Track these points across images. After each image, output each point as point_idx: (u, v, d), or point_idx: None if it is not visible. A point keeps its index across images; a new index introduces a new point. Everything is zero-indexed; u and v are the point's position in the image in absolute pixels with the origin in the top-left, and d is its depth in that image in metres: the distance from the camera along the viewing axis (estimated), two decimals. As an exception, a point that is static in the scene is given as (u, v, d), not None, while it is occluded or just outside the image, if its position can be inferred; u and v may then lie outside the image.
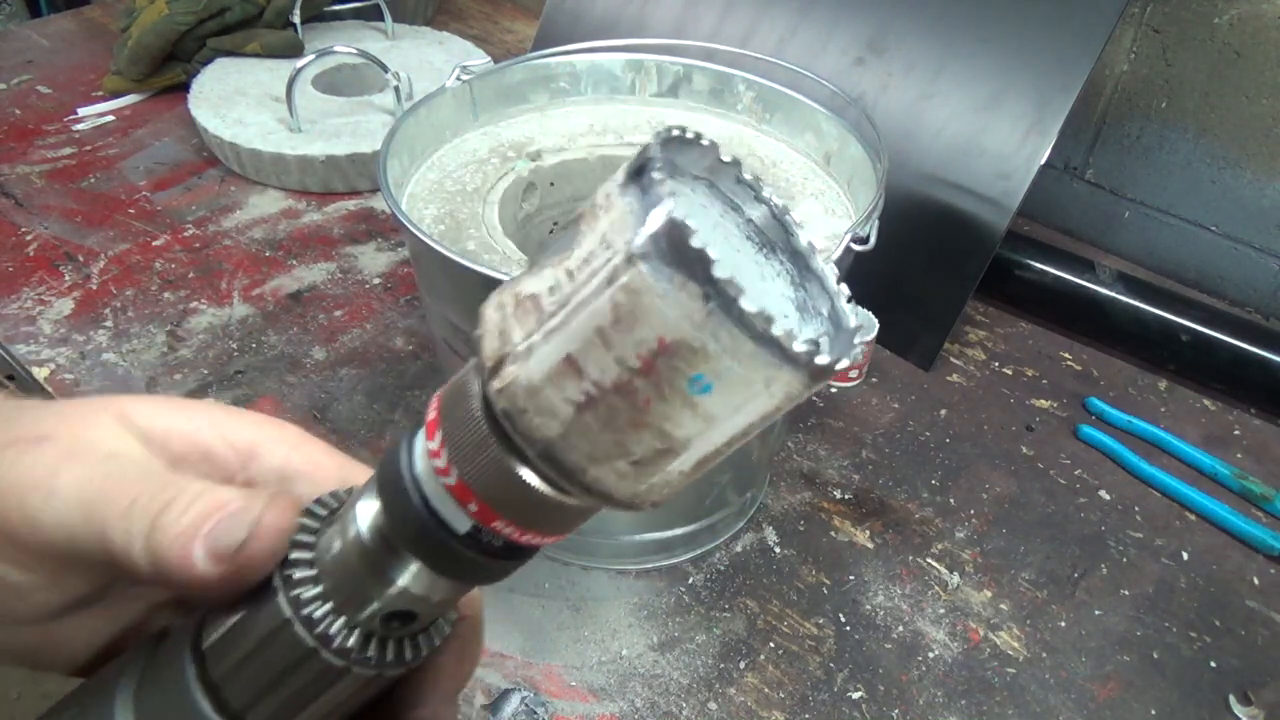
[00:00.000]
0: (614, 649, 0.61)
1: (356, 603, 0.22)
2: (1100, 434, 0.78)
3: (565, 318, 0.18)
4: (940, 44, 0.83)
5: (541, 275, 0.18)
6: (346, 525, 0.22)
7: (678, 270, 0.16)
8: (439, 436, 0.20)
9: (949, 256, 0.82)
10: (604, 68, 0.70)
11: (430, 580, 0.22)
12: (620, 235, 0.17)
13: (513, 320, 0.18)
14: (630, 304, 0.17)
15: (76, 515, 0.21)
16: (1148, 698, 0.61)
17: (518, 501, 0.20)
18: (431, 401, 0.21)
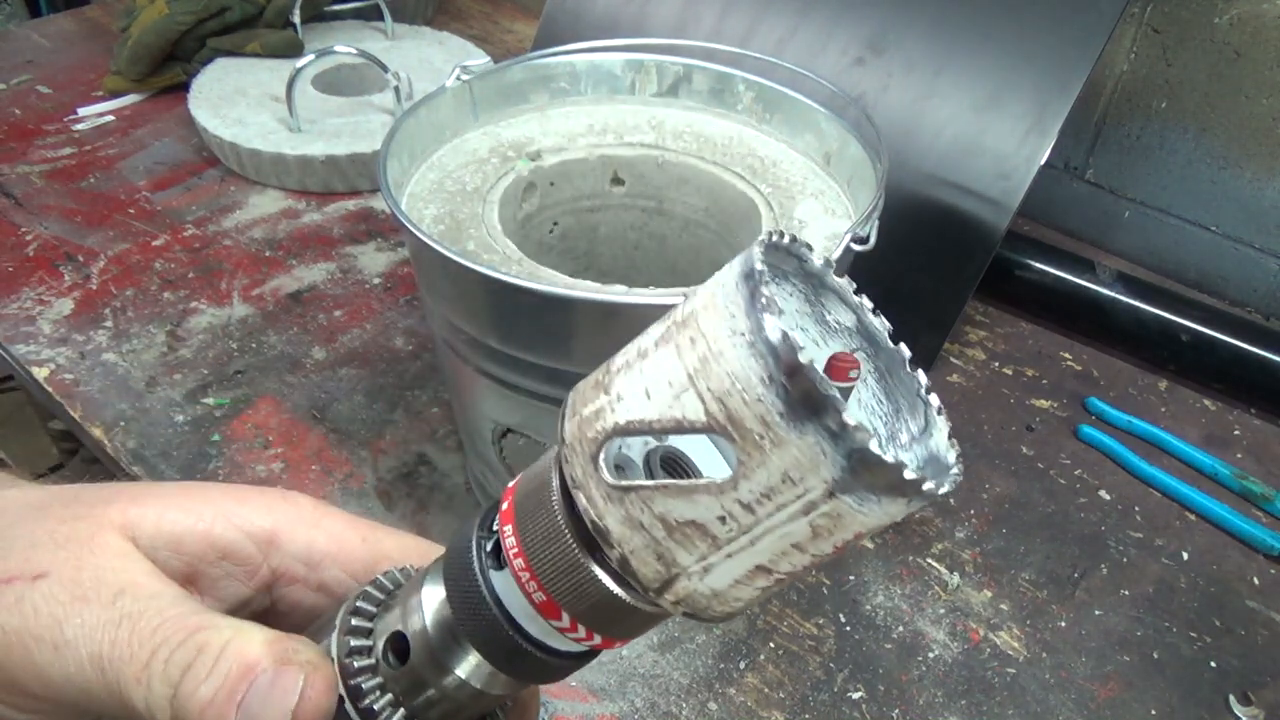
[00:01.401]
0: (614, 649, 0.61)
1: (414, 692, 0.22)
2: (1100, 434, 0.78)
3: (751, 541, 0.18)
4: (940, 44, 0.83)
5: (697, 502, 0.18)
6: (409, 618, 0.22)
7: (883, 494, 0.17)
8: (567, 618, 0.20)
9: (949, 256, 0.82)
10: (604, 68, 0.69)
11: (491, 675, 0.22)
12: (817, 476, 0.17)
13: (674, 546, 0.19)
14: (831, 524, 0.18)
15: (89, 671, 0.19)
16: (1148, 698, 0.61)
17: (627, 626, 0.21)
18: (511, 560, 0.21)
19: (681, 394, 0.17)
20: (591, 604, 0.21)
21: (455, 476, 0.72)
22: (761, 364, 0.16)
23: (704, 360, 0.17)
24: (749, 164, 0.65)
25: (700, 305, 0.18)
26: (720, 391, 0.17)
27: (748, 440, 0.17)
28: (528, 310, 0.49)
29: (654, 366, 0.18)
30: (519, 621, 0.21)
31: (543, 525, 0.20)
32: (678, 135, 0.68)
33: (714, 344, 0.17)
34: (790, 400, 0.16)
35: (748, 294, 0.17)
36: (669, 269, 0.73)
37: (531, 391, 0.54)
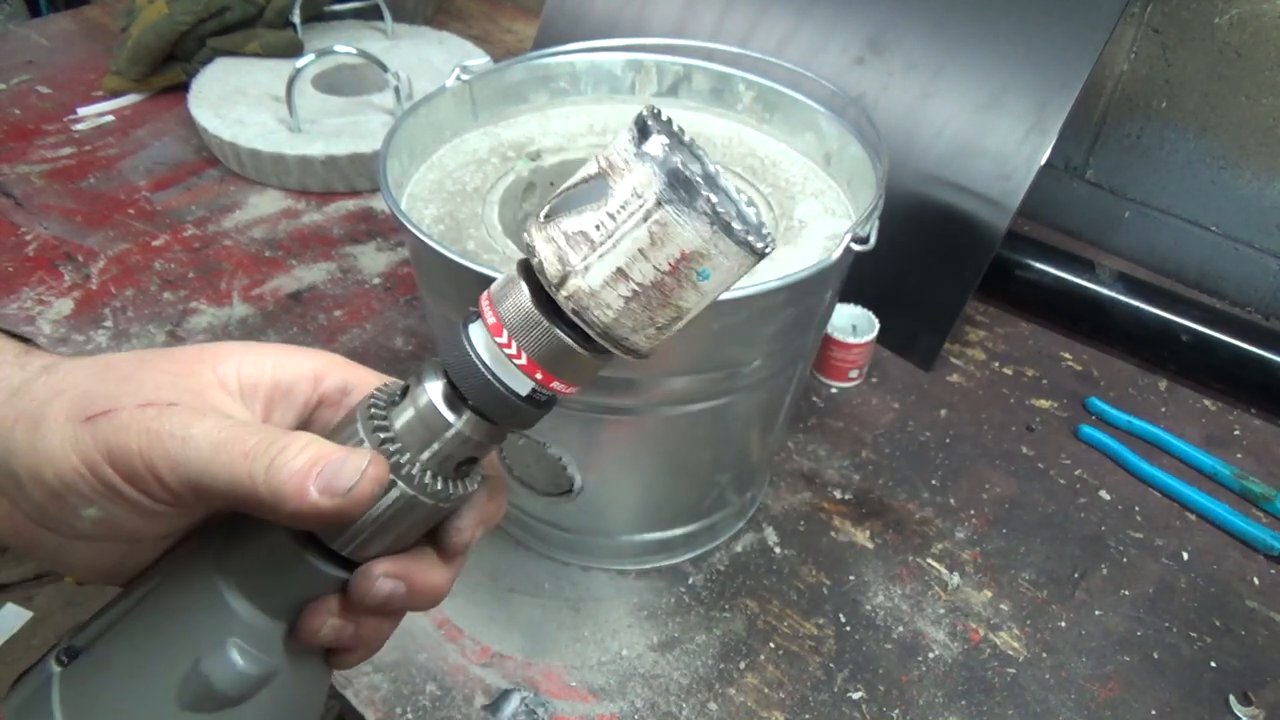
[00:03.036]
0: (614, 649, 0.61)
1: (425, 449, 0.30)
2: (1100, 434, 0.78)
3: (614, 244, 0.26)
4: (940, 44, 0.83)
5: (583, 217, 0.27)
6: (418, 400, 0.30)
7: (691, 208, 0.26)
8: (507, 334, 0.28)
9: (949, 256, 0.82)
10: (604, 68, 0.69)
11: (489, 430, 0.30)
12: (649, 189, 0.26)
13: (568, 248, 0.27)
14: (662, 232, 0.26)
15: (208, 456, 0.27)
16: (1148, 698, 0.61)
17: (570, 366, 0.29)
18: (483, 307, 0.29)
19: (591, 168, 0.27)
20: (521, 320, 0.28)
21: (455, 476, 0.72)
22: (628, 136, 0.26)
23: (606, 147, 0.27)
24: (749, 164, 0.65)
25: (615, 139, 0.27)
26: (609, 153, 0.27)
27: (615, 171, 0.26)
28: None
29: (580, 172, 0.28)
30: (510, 385, 0.29)
31: (522, 315, 0.28)
32: (678, 135, 0.68)
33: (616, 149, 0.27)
34: (638, 143, 0.26)
35: (637, 124, 0.26)
36: (669, 269, 0.73)
37: (531, 391, 0.54)
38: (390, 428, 0.30)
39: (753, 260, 0.27)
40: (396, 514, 0.30)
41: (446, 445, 0.30)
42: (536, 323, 0.28)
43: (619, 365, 0.31)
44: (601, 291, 0.27)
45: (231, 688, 0.29)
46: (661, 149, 0.26)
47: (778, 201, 0.62)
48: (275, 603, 0.30)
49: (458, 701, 0.57)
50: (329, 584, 0.31)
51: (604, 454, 0.58)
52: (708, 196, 0.26)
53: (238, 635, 0.30)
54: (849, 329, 0.80)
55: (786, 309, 0.51)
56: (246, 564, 0.30)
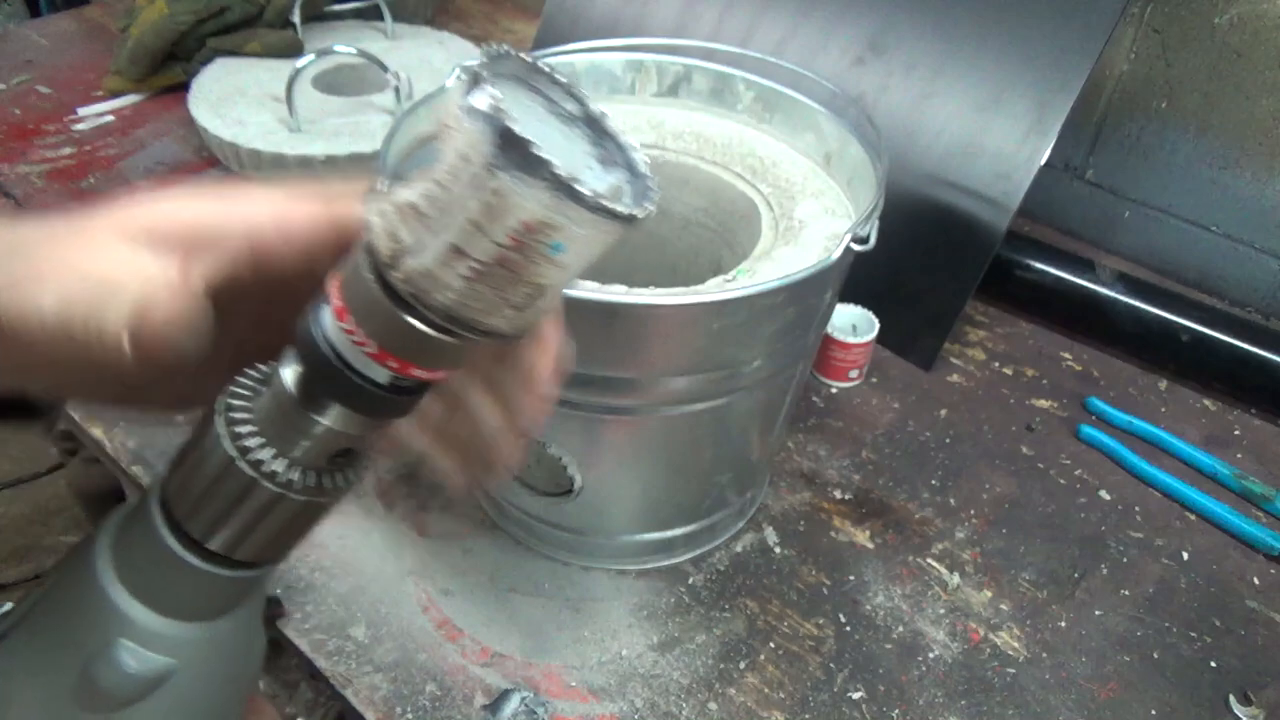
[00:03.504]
0: (614, 649, 0.61)
1: (291, 443, 0.28)
2: (1100, 434, 0.78)
3: (444, 218, 0.23)
4: (940, 44, 0.83)
5: (413, 186, 0.23)
6: (278, 390, 0.27)
7: (527, 173, 0.22)
8: (351, 320, 0.26)
9: (949, 256, 0.82)
10: (604, 68, 0.69)
11: (359, 421, 0.28)
12: (477, 151, 0.22)
13: (399, 224, 0.24)
14: (496, 202, 0.22)
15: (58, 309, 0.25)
16: (1148, 698, 0.61)
17: (428, 352, 0.26)
18: (332, 293, 0.26)
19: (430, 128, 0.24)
20: (364, 305, 0.25)
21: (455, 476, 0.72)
22: (460, 87, 0.23)
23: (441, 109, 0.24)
24: (749, 164, 0.65)
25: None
26: (440, 113, 0.23)
27: (444, 133, 0.23)
28: (528, 310, 0.49)
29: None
30: (367, 375, 0.26)
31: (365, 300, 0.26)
32: (678, 135, 0.68)
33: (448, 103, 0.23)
34: (466, 103, 0.22)
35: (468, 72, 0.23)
36: (669, 269, 0.73)
37: (531, 391, 0.54)
38: (252, 422, 0.27)
39: (619, 226, 0.23)
40: (268, 511, 0.28)
41: (314, 441, 0.28)
42: (379, 306, 0.25)
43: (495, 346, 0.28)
44: (439, 271, 0.24)
45: (119, 690, 0.28)
46: (488, 103, 0.22)
47: (778, 201, 0.62)
48: (166, 603, 0.29)
49: (458, 701, 0.57)
50: (218, 584, 0.30)
51: (604, 454, 0.58)
52: (545, 159, 0.22)
53: (127, 635, 0.29)
54: (849, 329, 0.80)
55: (786, 309, 0.51)
56: (133, 564, 0.29)
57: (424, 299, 0.24)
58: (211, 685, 0.31)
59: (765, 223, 0.60)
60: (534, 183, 0.22)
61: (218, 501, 0.28)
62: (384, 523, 0.68)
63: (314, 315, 0.27)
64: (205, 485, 0.28)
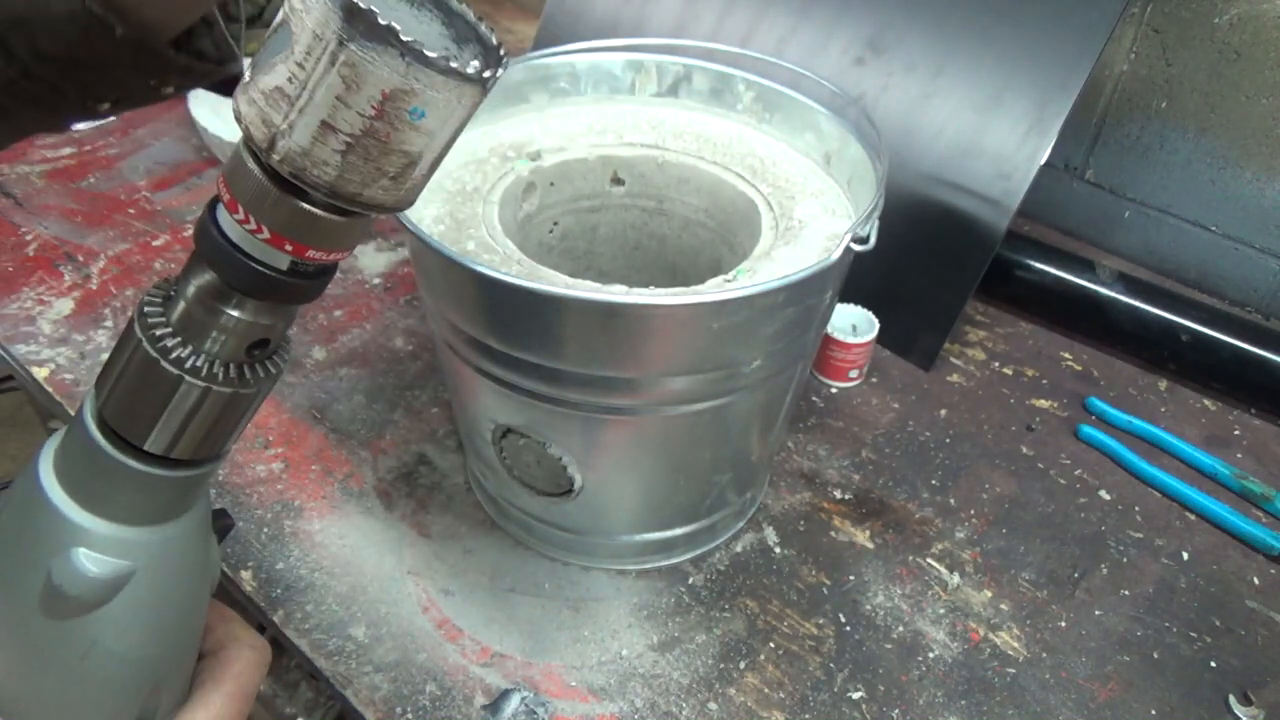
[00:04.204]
0: (614, 649, 0.61)
1: (208, 339, 0.29)
2: (1100, 434, 0.78)
3: (309, 96, 0.24)
4: (940, 44, 0.83)
5: (275, 71, 0.25)
6: (187, 291, 0.29)
7: (377, 42, 0.23)
8: (242, 209, 0.27)
9: (949, 256, 0.82)
10: (604, 68, 0.69)
11: (268, 309, 0.29)
12: (328, 28, 0.23)
13: (269, 109, 0.25)
14: (353, 74, 0.24)
15: None
16: (1148, 698, 0.61)
17: (319, 232, 0.27)
18: (220, 187, 0.28)
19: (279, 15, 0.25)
20: (251, 193, 0.27)
21: (455, 476, 0.72)
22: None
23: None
24: (749, 164, 0.65)
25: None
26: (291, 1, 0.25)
27: (295, 16, 0.24)
28: (528, 310, 0.49)
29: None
30: (267, 262, 0.28)
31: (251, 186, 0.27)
32: (678, 135, 0.68)
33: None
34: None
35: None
36: (669, 269, 0.73)
37: (531, 391, 0.54)
38: (168, 324, 0.29)
39: (474, 89, 0.25)
40: (197, 408, 0.30)
41: (229, 335, 0.29)
42: (266, 193, 0.26)
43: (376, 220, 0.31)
44: (313, 149, 0.25)
45: (85, 591, 0.30)
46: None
47: (778, 201, 0.62)
48: (115, 510, 0.31)
49: (458, 701, 0.57)
50: (160, 484, 0.31)
51: (604, 454, 0.58)
52: (390, 25, 0.23)
53: (82, 544, 0.30)
54: (849, 329, 0.80)
55: (786, 309, 0.51)
56: (78, 477, 0.31)
57: (304, 178, 0.26)
58: (170, 586, 0.32)
59: (765, 223, 0.60)
60: (384, 50, 0.23)
61: (148, 405, 0.30)
62: (384, 523, 0.68)
63: (210, 214, 0.29)
64: (134, 390, 0.30)
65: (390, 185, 0.27)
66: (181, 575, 0.33)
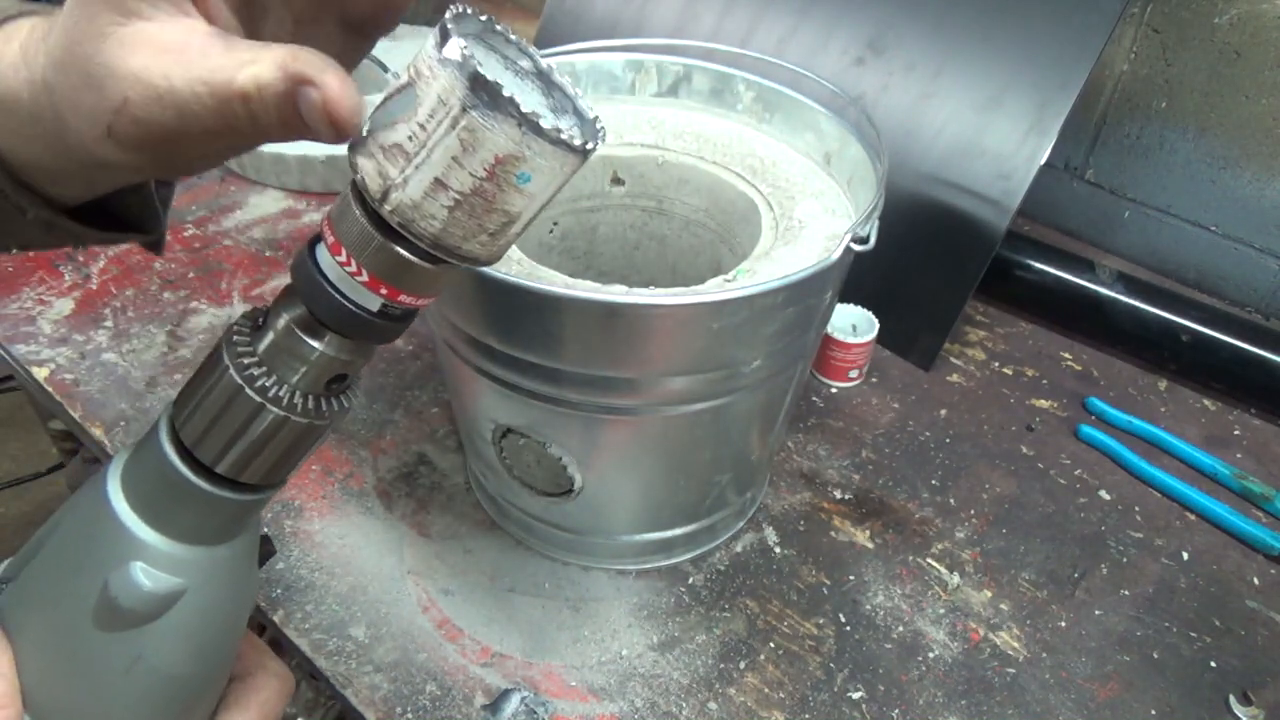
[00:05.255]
0: (614, 649, 0.61)
1: (292, 371, 0.31)
2: (1100, 434, 0.78)
3: (427, 154, 0.27)
4: (940, 44, 0.83)
5: (396, 129, 0.27)
6: (277, 325, 0.31)
7: (497, 112, 0.26)
8: (345, 252, 0.29)
9: (949, 256, 0.82)
10: (604, 68, 0.69)
11: (351, 347, 0.31)
12: (453, 95, 0.26)
13: (386, 163, 0.27)
14: (471, 138, 0.26)
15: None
16: (1148, 698, 0.61)
17: (414, 279, 0.30)
18: (325, 231, 0.30)
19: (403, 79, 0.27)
20: (356, 238, 0.29)
21: (455, 476, 0.72)
22: (433, 41, 0.27)
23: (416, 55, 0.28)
24: (749, 164, 0.65)
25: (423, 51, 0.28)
26: (416, 61, 0.27)
27: (421, 80, 0.26)
28: (528, 310, 0.49)
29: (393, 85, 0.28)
30: (359, 303, 0.30)
31: (356, 233, 0.29)
32: (678, 135, 0.68)
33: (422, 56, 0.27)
34: (440, 54, 0.26)
35: (439, 29, 0.27)
36: (669, 269, 0.73)
37: (531, 391, 0.54)
38: (255, 354, 0.31)
39: (576, 159, 0.28)
40: (272, 435, 0.31)
41: (312, 367, 0.31)
42: (370, 239, 0.29)
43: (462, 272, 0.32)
44: (424, 203, 0.27)
45: (140, 605, 0.31)
46: (460, 53, 0.26)
47: (778, 201, 0.62)
48: (176, 528, 0.32)
49: (458, 701, 0.57)
50: (232, 506, 0.32)
51: (604, 454, 0.58)
52: (511, 98, 0.26)
53: (141, 558, 0.31)
54: (849, 329, 0.80)
55: (786, 309, 0.51)
56: (146, 492, 0.32)
57: (411, 229, 0.28)
58: (216, 607, 0.33)
59: (765, 223, 0.60)
60: (504, 119, 0.26)
61: (226, 428, 0.31)
62: (384, 522, 0.68)
63: (308, 252, 0.30)
64: (214, 413, 0.31)
65: (487, 240, 0.29)
66: (227, 597, 0.34)
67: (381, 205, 0.28)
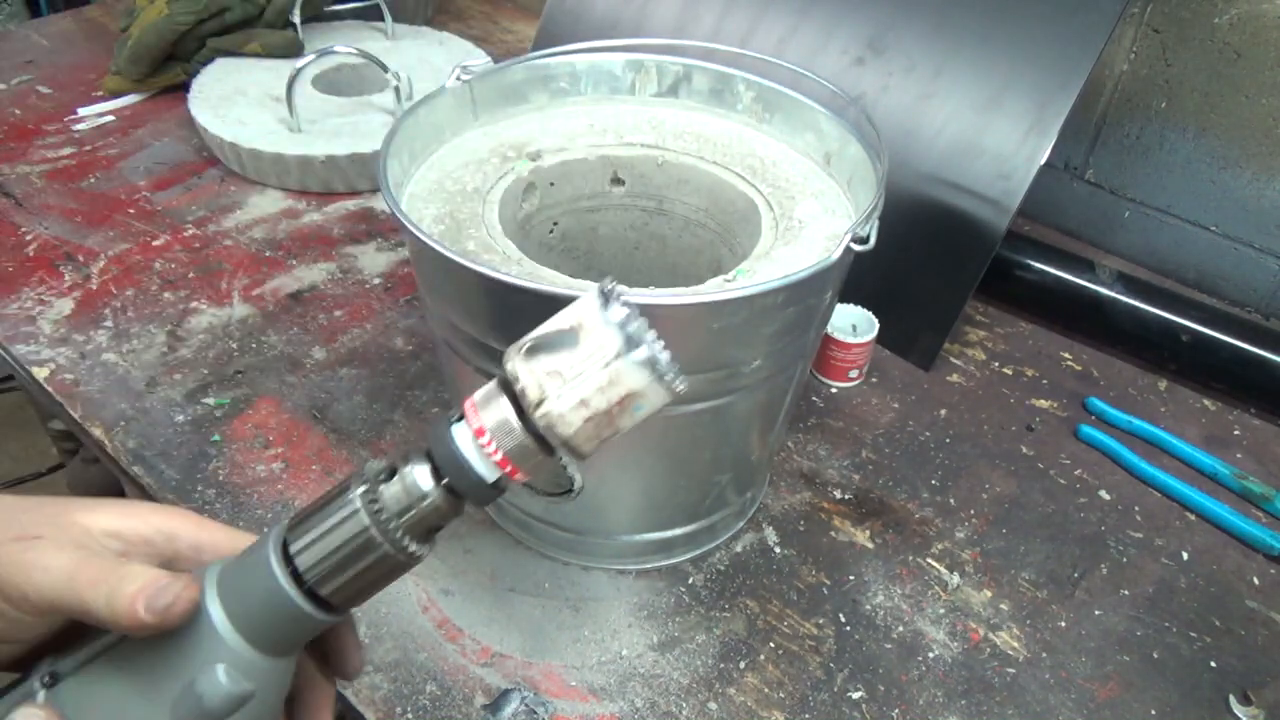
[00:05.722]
0: (614, 649, 0.61)
1: (410, 520, 0.37)
2: (1100, 434, 0.78)
3: (579, 382, 0.35)
4: (940, 44, 0.83)
5: (558, 357, 0.35)
6: (405, 478, 0.37)
7: (640, 362, 0.34)
8: (488, 435, 0.36)
9: (949, 256, 0.82)
10: (604, 68, 0.69)
11: (458, 505, 0.37)
12: (609, 348, 0.34)
13: (546, 380, 0.35)
14: (615, 377, 0.34)
15: (64, 584, 0.34)
16: (1148, 698, 0.61)
17: (532, 464, 0.36)
18: (469, 413, 0.36)
19: (565, 324, 0.36)
20: (500, 427, 0.36)
21: (455, 476, 0.72)
22: (597, 300, 0.35)
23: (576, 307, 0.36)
24: (749, 164, 0.65)
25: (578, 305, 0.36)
26: (579, 313, 0.35)
27: (584, 330, 0.35)
28: (528, 310, 0.49)
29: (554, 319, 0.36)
30: (481, 474, 0.36)
31: (504, 426, 0.36)
32: (678, 135, 0.68)
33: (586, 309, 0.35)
34: (604, 309, 0.35)
35: (602, 293, 0.35)
36: (669, 269, 0.73)
37: (531, 391, 0.54)
38: (379, 498, 0.37)
39: (672, 399, 0.36)
40: (372, 567, 0.37)
41: (425, 516, 0.37)
42: (514, 431, 0.36)
43: None
44: (568, 414, 0.35)
45: (219, 705, 0.35)
46: (622, 316, 0.35)
47: (778, 201, 0.62)
48: (262, 638, 0.36)
49: (458, 701, 0.57)
50: (311, 626, 0.37)
51: (604, 454, 0.58)
52: (652, 355, 0.34)
53: (226, 660, 0.35)
54: (849, 329, 0.80)
55: (786, 309, 0.51)
56: (243, 601, 0.36)
57: (553, 430, 0.35)
58: (271, 713, 0.37)
59: (765, 223, 0.60)
60: (643, 368, 0.34)
61: (342, 560, 0.36)
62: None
63: (447, 428, 0.37)
64: (334, 545, 0.36)
65: (595, 444, 0.37)
66: (279, 704, 0.38)
67: (534, 411, 0.35)
